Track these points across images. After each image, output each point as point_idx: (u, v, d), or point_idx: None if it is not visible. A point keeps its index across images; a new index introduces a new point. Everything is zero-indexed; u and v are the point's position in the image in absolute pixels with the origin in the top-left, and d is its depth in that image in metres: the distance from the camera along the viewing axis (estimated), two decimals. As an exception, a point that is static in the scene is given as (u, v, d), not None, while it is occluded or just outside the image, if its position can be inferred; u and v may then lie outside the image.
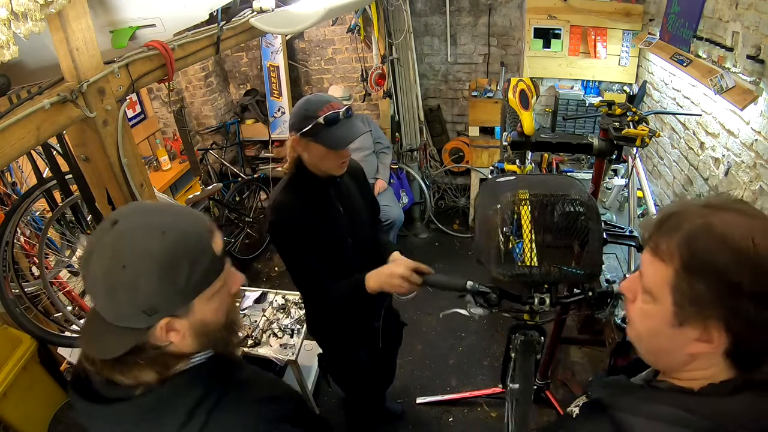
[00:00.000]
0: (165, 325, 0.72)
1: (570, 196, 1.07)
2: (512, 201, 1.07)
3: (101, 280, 0.68)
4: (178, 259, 0.70)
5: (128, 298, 0.68)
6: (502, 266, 1.07)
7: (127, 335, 0.71)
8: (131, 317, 0.70)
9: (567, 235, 1.07)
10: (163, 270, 0.68)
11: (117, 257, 0.68)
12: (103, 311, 0.71)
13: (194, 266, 0.71)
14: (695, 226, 0.59)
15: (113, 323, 0.71)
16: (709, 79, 1.94)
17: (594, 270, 1.08)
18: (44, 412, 2.35)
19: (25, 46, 0.98)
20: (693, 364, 0.63)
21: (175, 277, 0.70)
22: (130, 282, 0.67)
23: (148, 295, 0.68)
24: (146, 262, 0.68)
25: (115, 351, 0.71)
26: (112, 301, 0.69)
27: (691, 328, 0.60)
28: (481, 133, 3.96)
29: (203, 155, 4.36)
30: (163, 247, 0.69)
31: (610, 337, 2.11)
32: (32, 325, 1.98)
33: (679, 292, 0.60)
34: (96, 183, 1.29)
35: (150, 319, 0.70)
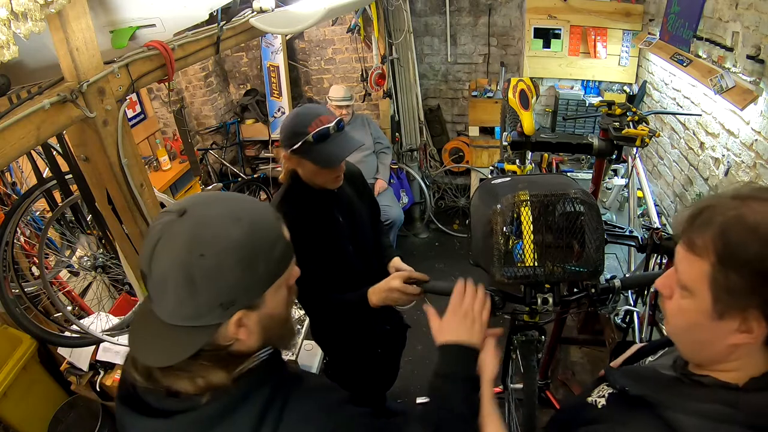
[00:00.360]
0: (236, 322, 0.68)
1: (570, 195, 1.07)
2: (512, 202, 1.07)
3: (176, 272, 0.63)
4: (256, 247, 0.67)
5: (208, 289, 0.63)
6: (505, 269, 1.07)
7: (194, 336, 0.66)
8: (205, 313, 0.65)
9: (568, 234, 1.07)
10: (244, 258, 0.65)
11: (194, 246, 0.63)
12: (170, 311, 0.66)
13: (271, 253, 0.69)
14: (727, 219, 0.60)
15: (178, 324, 0.66)
16: (709, 79, 1.94)
17: (597, 267, 1.08)
18: (44, 412, 2.35)
19: (25, 46, 0.98)
20: (733, 355, 0.64)
21: (255, 265, 0.67)
22: (212, 271, 0.63)
23: (229, 286, 0.65)
24: (227, 250, 0.64)
25: (181, 355, 0.65)
26: (188, 295, 0.63)
27: (730, 320, 0.60)
28: (481, 133, 3.96)
29: (203, 155, 4.36)
30: (242, 235, 0.66)
31: (610, 337, 2.11)
32: (32, 325, 1.98)
33: (716, 286, 0.60)
34: (96, 183, 1.29)
35: (225, 314, 0.66)
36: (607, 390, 0.76)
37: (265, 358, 0.76)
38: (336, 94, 3.35)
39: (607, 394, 0.76)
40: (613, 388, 0.75)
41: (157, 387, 0.69)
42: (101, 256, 2.08)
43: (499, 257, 1.07)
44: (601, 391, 0.77)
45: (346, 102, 3.35)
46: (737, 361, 0.65)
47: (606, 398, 0.75)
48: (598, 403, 0.75)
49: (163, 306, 0.66)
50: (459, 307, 1.00)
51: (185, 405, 0.68)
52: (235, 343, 0.71)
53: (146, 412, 0.69)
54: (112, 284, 2.45)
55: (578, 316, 2.74)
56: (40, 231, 2.02)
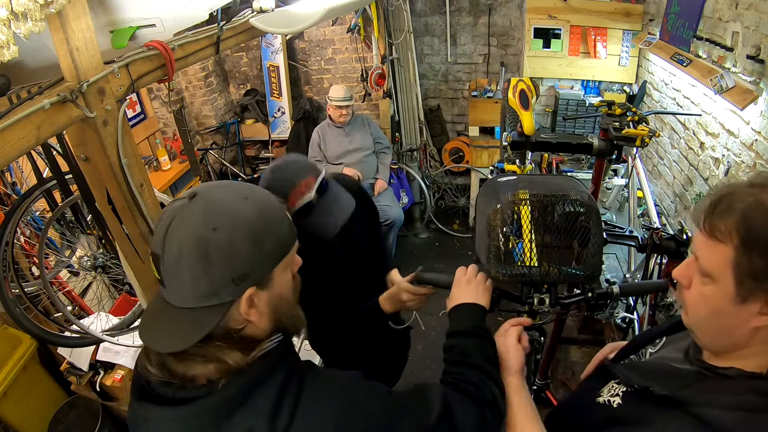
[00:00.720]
0: (248, 299, 0.70)
1: (570, 196, 1.06)
2: (512, 201, 1.07)
3: (191, 248, 0.65)
4: (264, 223, 0.71)
5: (222, 263, 0.66)
6: (501, 265, 1.07)
7: (208, 316, 0.68)
8: (219, 288, 0.67)
9: (567, 236, 1.07)
10: (254, 233, 0.69)
11: (208, 222, 0.67)
12: (183, 290, 0.67)
13: (277, 230, 0.73)
14: (747, 205, 0.61)
15: (192, 305, 0.68)
16: (709, 79, 1.94)
17: (594, 271, 1.07)
18: (44, 412, 2.35)
19: (25, 46, 0.98)
20: (754, 339, 0.64)
21: (263, 241, 0.70)
22: (225, 244, 0.66)
23: (242, 260, 0.68)
24: (238, 225, 0.68)
25: (196, 336, 0.67)
26: (203, 271, 0.66)
27: (753, 303, 0.62)
28: (481, 133, 3.96)
29: (203, 155, 4.36)
30: (251, 211, 0.70)
31: (610, 337, 2.11)
32: (32, 325, 1.98)
33: (739, 270, 0.61)
34: (96, 183, 1.29)
35: (237, 289, 0.69)
36: (619, 388, 0.75)
37: (278, 343, 0.77)
38: (336, 94, 3.35)
39: (621, 393, 0.74)
40: (626, 386, 0.74)
41: (172, 377, 0.70)
42: (101, 256, 2.08)
43: (496, 254, 1.07)
44: (612, 390, 0.75)
45: (346, 102, 3.35)
46: (756, 347, 0.65)
47: (621, 397, 0.74)
48: (613, 403, 0.74)
49: (176, 287, 0.68)
50: (462, 277, 1.07)
51: (202, 392, 0.69)
52: (247, 326, 0.73)
53: (164, 403, 0.70)
54: (112, 284, 2.45)
55: (578, 316, 2.74)
56: (40, 231, 2.02)
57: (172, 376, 0.70)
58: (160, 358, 0.71)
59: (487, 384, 0.87)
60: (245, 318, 0.72)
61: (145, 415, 0.71)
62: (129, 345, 2.14)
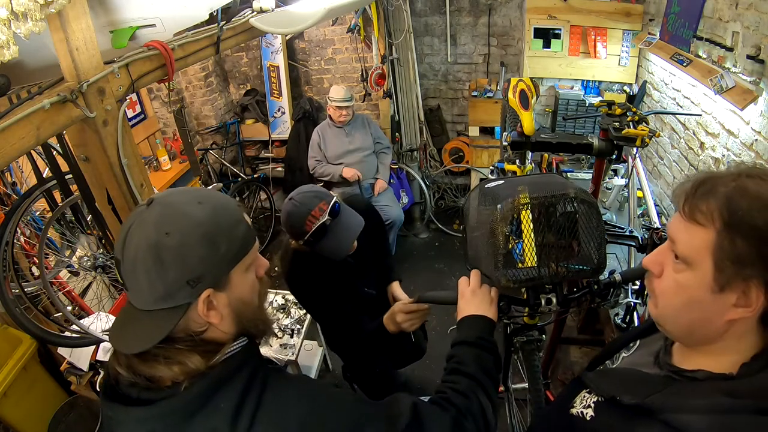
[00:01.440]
0: (206, 299, 0.72)
1: (570, 194, 1.07)
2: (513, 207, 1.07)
3: (145, 252, 0.68)
4: (217, 226, 0.73)
5: (175, 265, 0.68)
6: (511, 273, 1.07)
7: (166, 318, 0.70)
8: (174, 292, 0.69)
9: (569, 234, 1.07)
10: (206, 235, 0.71)
11: (160, 227, 0.69)
12: (142, 294, 0.70)
13: (232, 232, 0.74)
14: (731, 189, 0.60)
15: (151, 308, 0.70)
16: (709, 79, 1.94)
17: (600, 264, 1.08)
18: (44, 412, 2.35)
19: (25, 46, 0.98)
20: (728, 333, 0.63)
21: (217, 243, 0.72)
22: (177, 247, 0.68)
23: (195, 262, 0.70)
24: (190, 228, 0.70)
25: (155, 338, 0.69)
26: (157, 275, 0.68)
27: (729, 293, 0.60)
28: (481, 133, 3.96)
29: (203, 155, 4.36)
30: (204, 214, 0.72)
31: (610, 337, 2.10)
32: (32, 325, 1.98)
33: (720, 253, 0.59)
34: (96, 183, 1.29)
35: (193, 292, 0.70)
36: (591, 398, 0.71)
37: (241, 347, 0.78)
38: (336, 94, 3.35)
39: (593, 404, 0.70)
40: (597, 396, 0.70)
41: (138, 378, 0.71)
42: (101, 256, 2.08)
43: (504, 263, 1.07)
44: (585, 400, 0.71)
45: (346, 103, 3.35)
46: (726, 342, 0.64)
47: (593, 408, 0.70)
48: (585, 415, 0.70)
49: (135, 290, 0.71)
50: (466, 289, 1.08)
51: (166, 393, 0.71)
52: (209, 328, 0.75)
53: (129, 403, 0.72)
54: (112, 284, 2.44)
55: (578, 316, 2.74)
56: (40, 231, 2.02)
57: (138, 376, 0.71)
58: (127, 360, 0.72)
59: (476, 394, 0.88)
60: (206, 320, 0.74)
61: (113, 416, 0.73)
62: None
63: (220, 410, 0.70)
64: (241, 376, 0.73)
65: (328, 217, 1.41)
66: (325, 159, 3.53)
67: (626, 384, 0.68)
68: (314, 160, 3.54)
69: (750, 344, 0.63)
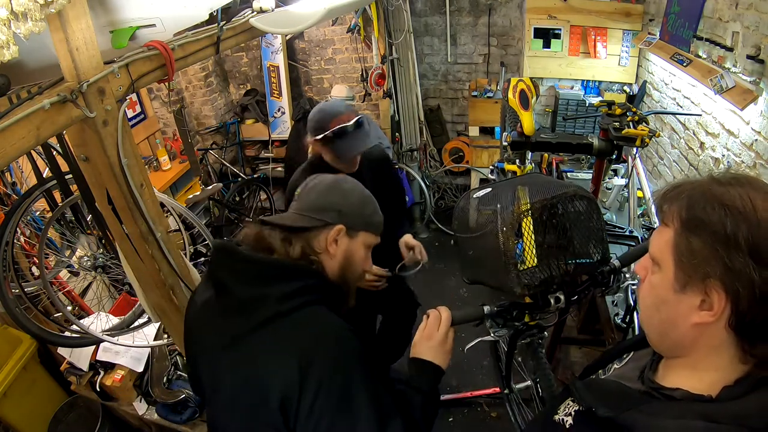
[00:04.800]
0: (337, 231, 1.02)
1: (569, 193, 1.07)
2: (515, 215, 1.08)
3: (326, 182, 1.08)
4: (372, 203, 1.12)
5: (339, 196, 1.06)
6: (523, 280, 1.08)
7: (310, 221, 1.02)
8: (328, 210, 1.03)
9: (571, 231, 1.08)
10: (364, 200, 1.10)
11: (339, 179, 1.11)
12: (308, 203, 1.05)
13: (376, 213, 1.12)
14: (694, 191, 0.62)
15: (307, 213, 1.03)
16: (709, 79, 1.94)
17: (605, 253, 1.10)
18: (44, 412, 2.35)
19: (25, 46, 0.98)
20: (699, 343, 0.62)
21: (366, 207, 1.10)
22: (347, 190, 1.08)
23: (349, 204, 1.05)
24: (358, 189, 1.11)
25: (298, 223, 1.01)
26: (325, 195, 1.05)
27: (692, 293, 0.61)
28: (481, 133, 3.96)
29: (203, 155, 4.36)
30: (365, 192, 1.12)
31: (610, 337, 2.10)
32: (32, 325, 1.98)
33: (678, 251, 0.61)
34: (96, 183, 1.29)
35: (336, 217, 1.02)
36: (573, 407, 0.71)
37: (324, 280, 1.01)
38: (338, 93, 3.35)
39: (573, 412, 0.70)
40: (579, 405, 0.70)
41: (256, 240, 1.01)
42: (101, 256, 2.08)
43: (516, 273, 1.07)
44: (568, 408, 0.72)
45: (348, 102, 3.35)
46: (701, 355, 0.63)
47: (573, 416, 0.70)
48: (565, 422, 0.70)
49: (304, 200, 1.06)
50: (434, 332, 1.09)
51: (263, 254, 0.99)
52: (324, 254, 1.02)
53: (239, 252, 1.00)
54: (112, 284, 2.44)
55: (578, 315, 2.74)
56: (40, 231, 2.02)
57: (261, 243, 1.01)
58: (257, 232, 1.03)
59: None
60: (326, 247, 1.02)
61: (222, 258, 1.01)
62: (129, 345, 2.13)
63: (279, 287, 0.93)
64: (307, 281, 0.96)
65: (351, 124, 1.65)
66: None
67: (606, 396, 0.68)
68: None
69: (729, 361, 0.62)
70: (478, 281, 1.22)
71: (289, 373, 0.84)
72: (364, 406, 0.86)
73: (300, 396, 0.83)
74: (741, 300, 0.57)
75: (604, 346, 2.44)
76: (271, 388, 0.85)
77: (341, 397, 0.85)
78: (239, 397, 0.90)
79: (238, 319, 0.92)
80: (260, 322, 0.90)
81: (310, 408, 0.83)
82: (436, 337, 1.06)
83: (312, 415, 0.83)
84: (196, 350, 1.04)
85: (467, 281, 1.25)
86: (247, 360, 0.90)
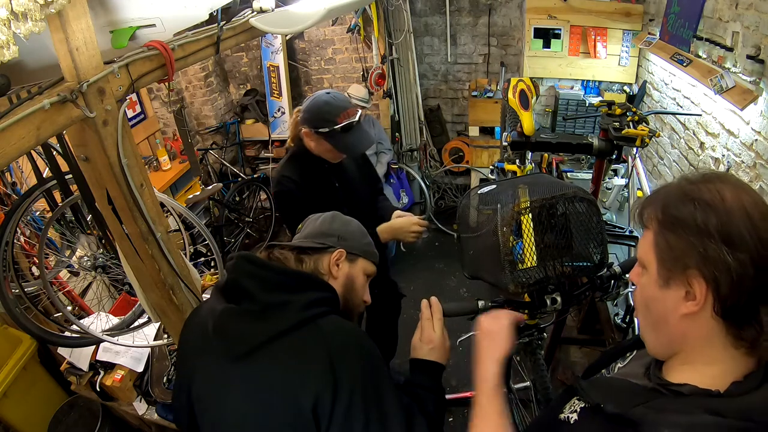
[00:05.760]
0: (338, 254, 1.09)
1: (568, 193, 1.07)
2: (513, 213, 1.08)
3: (327, 217, 1.18)
4: (367, 234, 1.20)
5: (340, 225, 1.16)
6: (517, 278, 1.08)
7: (314, 244, 1.09)
8: (329, 236, 1.11)
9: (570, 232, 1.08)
10: (361, 231, 1.18)
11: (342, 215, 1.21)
12: (312, 232, 1.13)
13: (372, 244, 1.20)
14: (668, 193, 0.67)
15: (311, 238, 1.11)
16: (709, 79, 1.94)
17: (603, 258, 1.10)
18: (44, 412, 2.35)
19: (25, 46, 0.98)
20: (691, 337, 0.64)
21: (363, 239, 1.17)
22: (345, 221, 1.18)
23: (348, 232, 1.15)
24: (353, 222, 1.20)
25: (305, 245, 1.09)
26: (328, 224, 1.15)
27: (676, 287, 0.64)
28: (481, 133, 3.96)
29: (203, 155, 4.36)
30: (361, 227, 1.21)
31: (610, 337, 2.10)
32: (32, 325, 1.98)
33: (658, 249, 0.65)
34: (96, 183, 1.29)
35: (336, 242, 1.11)
36: (579, 404, 0.72)
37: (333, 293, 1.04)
38: (357, 92, 3.38)
39: (579, 409, 0.71)
40: (585, 402, 0.71)
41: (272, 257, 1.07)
42: (101, 256, 2.08)
43: (511, 269, 1.07)
44: (573, 406, 0.72)
45: (362, 103, 3.38)
46: (701, 349, 0.64)
47: (578, 413, 0.70)
48: (570, 419, 0.71)
49: (308, 230, 1.16)
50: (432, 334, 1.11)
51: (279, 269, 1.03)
52: (328, 276, 1.07)
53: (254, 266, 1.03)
54: (112, 284, 2.45)
55: (578, 316, 2.74)
56: (40, 231, 2.02)
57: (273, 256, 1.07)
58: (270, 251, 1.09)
59: None
60: (329, 269, 1.08)
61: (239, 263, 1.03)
62: (129, 345, 2.13)
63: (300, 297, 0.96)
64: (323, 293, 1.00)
65: (357, 119, 1.63)
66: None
67: (613, 393, 0.69)
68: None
69: (723, 351, 0.63)
70: (477, 276, 1.23)
71: (321, 377, 0.85)
72: (393, 405, 0.89)
73: (335, 399, 0.84)
74: (721, 285, 0.60)
75: (604, 346, 2.44)
76: (302, 392, 0.85)
77: (373, 399, 0.87)
78: (254, 405, 0.90)
79: (261, 326, 0.92)
80: (285, 329, 0.90)
81: (346, 410, 0.85)
82: (435, 339, 1.08)
83: (349, 418, 0.85)
84: (195, 362, 1.00)
85: (468, 276, 1.25)
86: (268, 369, 0.90)
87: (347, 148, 1.65)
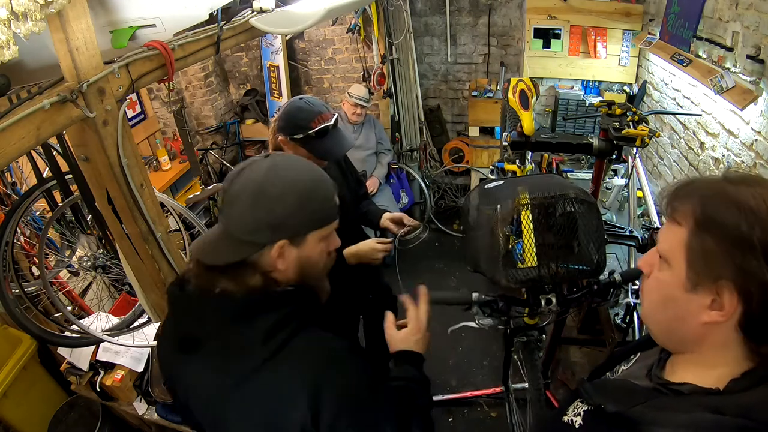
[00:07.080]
0: (279, 248, 0.85)
1: (569, 195, 1.07)
2: (512, 207, 1.08)
3: (248, 188, 0.83)
4: (311, 194, 0.88)
5: (265, 210, 0.83)
6: (510, 271, 1.08)
7: (245, 247, 0.84)
8: (258, 230, 0.83)
9: (569, 234, 1.07)
10: (302, 197, 0.86)
11: (269, 177, 0.84)
12: (234, 222, 0.85)
13: (322, 204, 0.90)
14: (710, 191, 0.62)
15: (237, 236, 0.84)
16: (709, 79, 1.94)
17: (600, 264, 1.09)
18: (44, 412, 2.35)
19: (25, 46, 0.98)
20: (707, 340, 0.62)
21: (305, 207, 0.86)
22: (275, 197, 0.83)
23: (281, 214, 0.84)
24: (290, 185, 0.85)
25: (231, 258, 0.84)
26: (250, 211, 0.83)
27: (703, 293, 0.60)
28: (481, 133, 3.96)
29: (203, 155, 4.36)
30: (307, 181, 0.88)
31: (610, 337, 2.11)
32: (32, 325, 1.98)
33: (691, 251, 0.61)
34: (96, 183, 1.29)
35: (272, 236, 0.84)
36: (582, 407, 0.72)
37: (293, 290, 0.89)
38: (358, 92, 3.37)
39: (582, 412, 0.71)
40: (587, 405, 0.70)
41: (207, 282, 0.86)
42: (101, 256, 2.08)
43: (504, 264, 1.07)
44: (577, 409, 0.72)
45: (363, 102, 3.37)
46: (711, 354, 0.63)
47: (582, 416, 0.70)
48: (574, 422, 0.71)
49: (229, 216, 0.86)
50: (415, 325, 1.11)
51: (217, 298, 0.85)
52: (275, 271, 0.87)
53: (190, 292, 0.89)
54: (112, 284, 2.44)
55: (578, 316, 2.74)
56: (40, 231, 2.02)
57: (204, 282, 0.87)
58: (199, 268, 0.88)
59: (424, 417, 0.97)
60: (274, 265, 0.86)
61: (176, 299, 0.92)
62: (129, 345, 2.13)
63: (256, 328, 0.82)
64: (282, 310, 0.85)
65: (332, 123, 1.58)
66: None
67: (614, 393, 0.68)
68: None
69: (736, 357, 0.62)
70: (477, 270, 1.23)
71: (303, 405, 0.79)
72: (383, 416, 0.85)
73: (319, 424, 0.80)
74: (753, 302, 0.57)
75: (604, 346, 2.44)
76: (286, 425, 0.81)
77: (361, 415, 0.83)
78: None
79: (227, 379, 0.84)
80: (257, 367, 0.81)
81: None
82: (422, 330, 1.09)
83: None
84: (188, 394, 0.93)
85: (470, 269, 1.25)
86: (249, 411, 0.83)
87: (324, 153, 1.60)
